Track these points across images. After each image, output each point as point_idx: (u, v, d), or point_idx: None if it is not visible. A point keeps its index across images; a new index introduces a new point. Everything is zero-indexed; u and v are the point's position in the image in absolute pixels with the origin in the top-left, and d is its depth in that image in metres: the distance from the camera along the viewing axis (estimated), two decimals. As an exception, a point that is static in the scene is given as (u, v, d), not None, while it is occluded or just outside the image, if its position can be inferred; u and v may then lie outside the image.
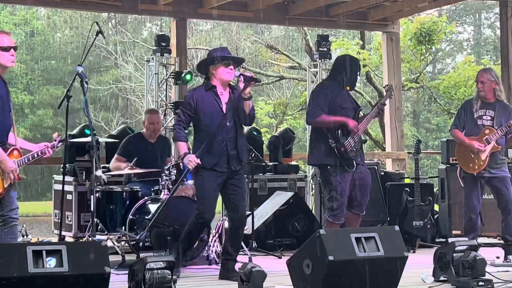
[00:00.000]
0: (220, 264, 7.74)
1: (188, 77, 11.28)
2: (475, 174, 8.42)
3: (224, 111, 7.46)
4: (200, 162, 7.37)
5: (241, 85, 7.40)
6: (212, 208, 7.54)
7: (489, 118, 8.45)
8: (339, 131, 8.01)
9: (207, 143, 7.36)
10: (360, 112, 8.25)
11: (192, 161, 7.34)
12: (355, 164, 8.02)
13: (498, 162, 8.43)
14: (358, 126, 8.07)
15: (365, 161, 8.45)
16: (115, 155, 9.25)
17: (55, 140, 7.24)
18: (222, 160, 7.45)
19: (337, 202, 8.00)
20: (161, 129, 9.70)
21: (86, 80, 7.18)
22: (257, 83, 7.71)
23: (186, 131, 7.70)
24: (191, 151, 7.53)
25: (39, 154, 6.87)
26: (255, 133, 11.45)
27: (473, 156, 8.43)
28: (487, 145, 8.36)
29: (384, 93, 8.68)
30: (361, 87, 28.27)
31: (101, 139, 8.80)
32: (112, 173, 9.05)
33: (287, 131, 12.01)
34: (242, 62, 8.00)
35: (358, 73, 8.34)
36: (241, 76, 7.38)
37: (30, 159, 6.83)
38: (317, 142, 8.16)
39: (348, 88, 8.26)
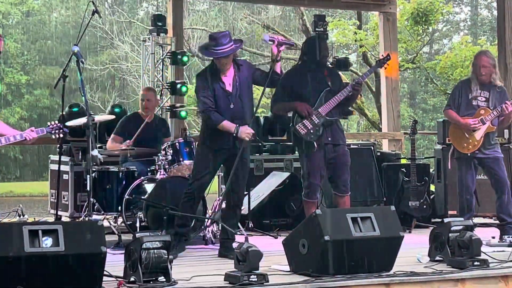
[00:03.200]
0: (219, 243, 7.79)
1: (185, 59, 11.29)
2: (469, 154, 8.43)
3: (231, 90, 7.51)
4: (254, 132, 7.47)
5: (274, 48, 7.45)
6: (203, 185, 7.67)
7: (484, 99, 8.45)
8: (296, 115, 8.10)
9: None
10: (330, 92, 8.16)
11: (248, 132, 7.41)
12: (315, 145, 8.00)
13: (492, 143, 8.45)
14: (320, 108, 8.00)
15: (361, 142, 8.53)
16: (112, 135, 9.23)
17: (48, 126, 7.18)
18: (227, 138, 7.47)
19: (305, 181, 8.11)
20: (154, 108, 9.64)
21: (82, 59, 7.17)
22: (291, 47, 7.74)
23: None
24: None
25: (18, 138, 6.81)
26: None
27: (467, 136, 8.43)
28: (483, 125, 8.37)
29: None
30: (358, 68, 28.26)
31: (97, 118, 8.76)
32: (108, 152, 9.04)
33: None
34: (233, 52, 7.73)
35: (320, 50, 8.14)
36: (274, 41, 7.45)
37: (8, 141, 6.78)
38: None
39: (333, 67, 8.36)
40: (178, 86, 11.12)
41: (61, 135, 7.25)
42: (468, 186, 8.44)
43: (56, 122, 7.29)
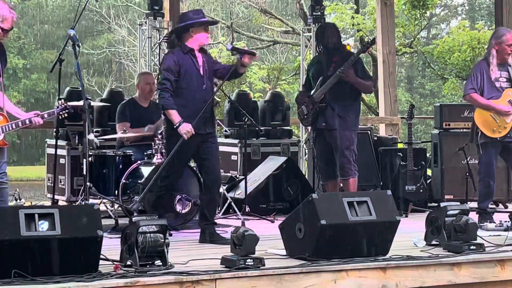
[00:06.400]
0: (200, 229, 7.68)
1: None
2: (498, 139, 8.19)
3: (202, 73, 7.48)
4: (194, 132, 7.35)
5: (239, 59, 7.45)
6: (182, 170, 7.66)
7: (505, 79, 8.22)
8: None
9: (187, 106, 7.38)
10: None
11: (189, 131, 7.30)
12: (309, 129, 8.73)
13: None
14: (315, 94, 8.34)
15: (359, 126, 8.65)
16: (118, 124, 9.16)
17: (58, 107, 7.24)
18: (200, 122, 7.42)
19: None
20: (155, 92, 9.65)
21: (78, 43, 7.15)
22: (254, 57, 7.64)
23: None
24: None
25: (26, 122, 6.87)
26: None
27: (497, 120, 8.17)
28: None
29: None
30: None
31: (93, 103, 8.76)
32: (105, 137, 9.04)
33: (274, 96, 11.88)
34: (216, 24, 7.99)
35: (331, 37, 8.44)
36: (235, 51, 7.55)
37: (14, 127, 6.83)
38: None
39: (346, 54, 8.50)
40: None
41: (66, 115, 7.32)
42: (493, 171, 8.24)
43: (62, 101, 7.36)
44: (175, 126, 7.36)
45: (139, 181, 8.30)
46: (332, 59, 8.38)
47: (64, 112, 7.31)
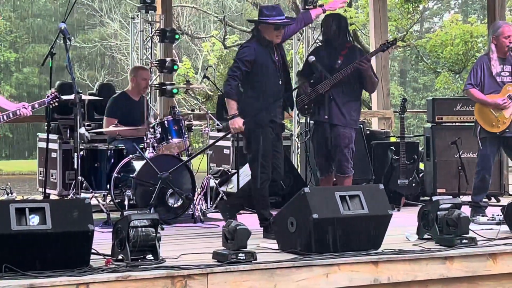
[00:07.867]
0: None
1: (176, 36, 11.27)
2: (498, 134, 8.17)
3: (278, 66, 7.44)
4: (242, 130, 7.35)
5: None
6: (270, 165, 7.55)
7: (507, 74, 8.17)
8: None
9: (262, 99, 7.35)
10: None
11: (237, 127, 7.31)
12: (303, 122, 8.60)
13: None
14: (319, 85, 8.11)
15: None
16: (105, 118, 9.15)
17: (48, 97, 7.24)
18: (279, 112, 7.48)
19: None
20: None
21: (69, 36, 7.13)
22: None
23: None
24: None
25: (17, 113, 6.85)
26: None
27: (496, 115, 8.14)
28: (511, 102, 8.11)
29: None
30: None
31: (84, 97, 8.74)
32: (96, 130, 9.01)
33: None
34: (291, 24, 7.73)
35: (338, 27, 8.25)
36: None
37: (5, 118, 6.82)
38: None
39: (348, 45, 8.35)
40: (168, 64, 11.06)
41: (56, 104, 7.34)
42: (490, 166, 8.23)
43: (53, 90, 7.37)
44: (228, 117, 7.40)
45: (131, 175, 8.28)
46: (341, 52, 8.21)
47: (54, 101, 7.33)
